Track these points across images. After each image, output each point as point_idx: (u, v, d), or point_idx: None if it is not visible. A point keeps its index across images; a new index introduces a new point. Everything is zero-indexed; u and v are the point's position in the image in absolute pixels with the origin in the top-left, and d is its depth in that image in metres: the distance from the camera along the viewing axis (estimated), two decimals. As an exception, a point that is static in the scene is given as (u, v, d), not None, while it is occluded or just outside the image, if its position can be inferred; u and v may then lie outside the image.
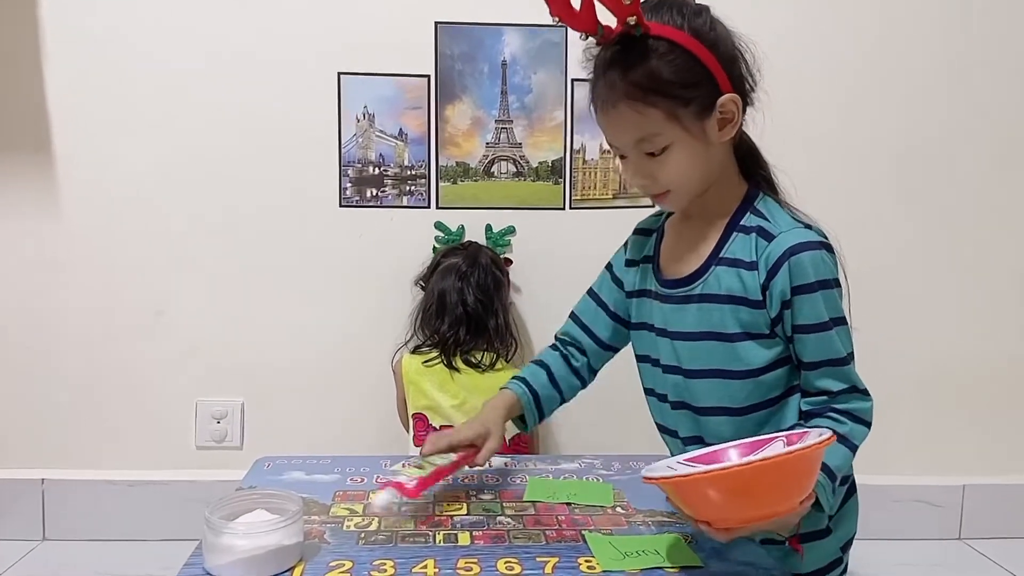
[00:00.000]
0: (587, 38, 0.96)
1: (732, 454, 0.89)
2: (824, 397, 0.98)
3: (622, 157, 1.01)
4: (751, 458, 0.81)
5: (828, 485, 0.92)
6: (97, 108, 1.86)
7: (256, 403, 1.96)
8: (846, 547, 1.09)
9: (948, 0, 1.95)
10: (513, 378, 1.20)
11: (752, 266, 0.98)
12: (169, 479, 1.93)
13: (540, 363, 1.21)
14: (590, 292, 1.21)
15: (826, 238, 0.99)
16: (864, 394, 0.98)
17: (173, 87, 1.87)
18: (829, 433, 0.81)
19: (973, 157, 1.99)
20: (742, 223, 1.01)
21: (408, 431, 1.74)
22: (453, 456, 0.97)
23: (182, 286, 1.92)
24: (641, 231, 1.17)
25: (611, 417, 1.79)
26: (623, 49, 0.94)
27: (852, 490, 1.10)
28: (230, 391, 1.95)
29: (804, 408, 1.00)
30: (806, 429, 0.90)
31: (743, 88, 0.99)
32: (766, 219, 1.00)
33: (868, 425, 0.98)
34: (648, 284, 1.10)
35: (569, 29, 1.86)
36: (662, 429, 1.14)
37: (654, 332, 1.08)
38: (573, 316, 1.22)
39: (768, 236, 0.98)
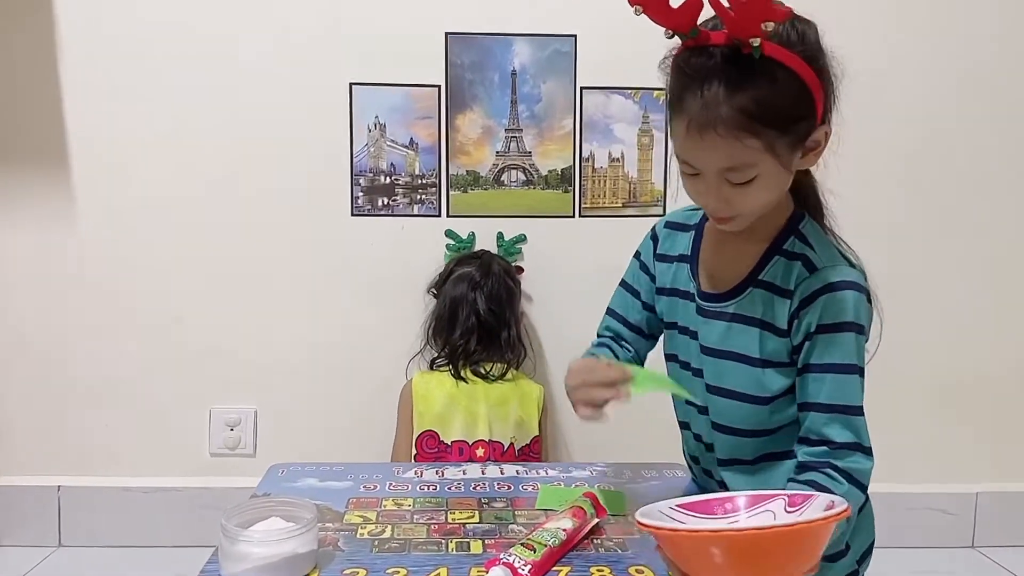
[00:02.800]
0: (672, 36, 0.87)
1: (739, 505, 0.83)
2: (824, 448, 0.92)
3: (693, 174, 0.92)
4: (768, 523, 0.74)
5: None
6: (112, 119, 1.89)
7: (269, 411, 1.98)
8: (863, 559, 1.07)
9: (960, 3, 1.95)
10: (595, 347, 1.15)
11: (787, 294, 0.95)
12: (183, 486, 1.94)
13: (601, 347, 1.16)
14: (622, 283, 1.18)
15: (866, 283, 0.95)
16: (867, 453, 0.92)
17: (187, 98, 1.89)
18: (845, 505, 0.74)
19: (986, 163, 1.98)
20: (785, 247, 0.97)
21: (408, 459, 1.69)
22: (562, 535, 0.92)
23: (195, 295, 1.94)
24: (674, 225, 1.11)
25: (623, 424, 1.78)
26: (732, 64, 0.84)
27: (865, 500, 1.07)
28: (243, 399, 1.97)
29: (801, 459, 0.94)
30: (809, 492, 0.81)
31: (830, 113, 0.94)
32: (811, 248, 0.96)
33: (864, 490, 0.92)
34: (682, 284, 1.07)
35: (579, 38, 1.90)
36: (684, 426, 1.13)
37: (687, 335, 1.06)
38: (609, 311, 1.19)
39: (812, 267, 0.94)
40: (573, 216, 1.96)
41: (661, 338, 1.15)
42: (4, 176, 1.90)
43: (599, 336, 1.21)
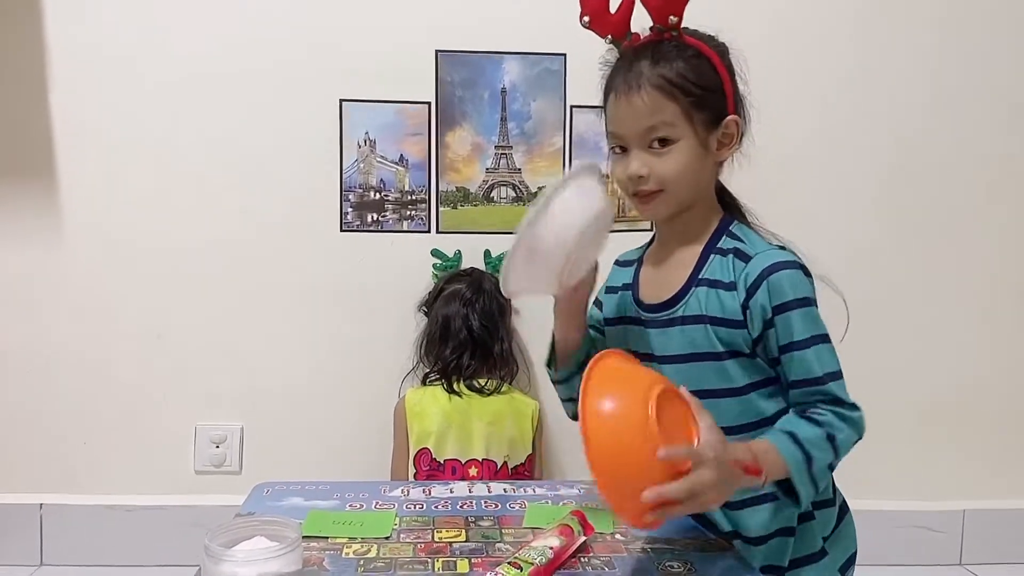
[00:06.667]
0: (612, 42, 1.03)
1: None
2: (815, 397, 0.97)
3: (621, 149, 1.03)
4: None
5: (799, 459, 0.90)
6: (98, 134, 1.89)
7: (255, 427, 1.96)
8: (846, 568, 1.08)
9: (931, 19, 1.97)
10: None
11: (731, 286, 1.00)
12: (167, 504, 1.92)
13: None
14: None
15: (800, 259, 1.02)
16: (852, 407, 0.97)
17: (175, 113, 1.89)
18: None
19: (969, 178, 2.00)
20: (719, 246, 1.04)
21: (407, 476, 1.70)
22: (549, 553, 0.92)
23: (181, 310, 1.93)
24: (622, 263, 1.18)
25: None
26: (655, 47, 1.01)
27: (844, 512, 1.09)
28: (229, 415, 1.95)
29: (792, 402, 1.00)
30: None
31: (741, 114, 1.05)
32: (741, 241, 1.03)
33: (856, 429, 0.96)
34: (627, 311, 1.12)
35: (568, 56, 1.91)
36: None
37: (640, 357, 1.08)
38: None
39: (745, 257, 1.01)
40: (562, 233, 1.96)
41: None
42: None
43: None
